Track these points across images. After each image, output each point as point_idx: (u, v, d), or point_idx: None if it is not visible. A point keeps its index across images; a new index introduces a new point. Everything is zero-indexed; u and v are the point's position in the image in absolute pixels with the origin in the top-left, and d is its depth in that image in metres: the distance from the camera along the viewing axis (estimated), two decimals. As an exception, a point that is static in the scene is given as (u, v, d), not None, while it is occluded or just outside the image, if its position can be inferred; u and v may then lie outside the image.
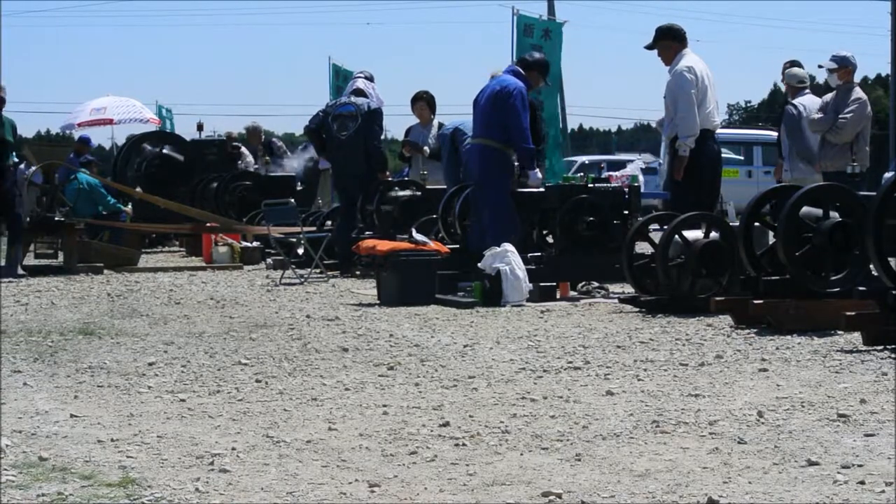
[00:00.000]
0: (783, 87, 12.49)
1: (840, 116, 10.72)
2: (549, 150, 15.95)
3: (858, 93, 10.91)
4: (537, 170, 10.68)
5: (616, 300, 9.39)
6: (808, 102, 11.23)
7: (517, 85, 10.56)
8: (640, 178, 10.87)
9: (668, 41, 10.01)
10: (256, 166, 18.93)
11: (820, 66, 11.25)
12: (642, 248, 9.46)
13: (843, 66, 10.86)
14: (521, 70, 10.77)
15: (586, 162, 29.74)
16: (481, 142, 10.69)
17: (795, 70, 11.70)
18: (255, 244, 15.10)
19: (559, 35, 17.45)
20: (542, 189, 10.68)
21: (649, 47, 10.13)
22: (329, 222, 14.16)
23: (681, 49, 10.00)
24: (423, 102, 14.19)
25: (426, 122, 14.18)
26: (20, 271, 12.45)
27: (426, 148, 13.93)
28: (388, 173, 13.68)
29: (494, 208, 10.46)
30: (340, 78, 20.21)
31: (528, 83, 10.69)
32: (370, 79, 13.66)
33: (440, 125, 14.10)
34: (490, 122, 10.60)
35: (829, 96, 11.02)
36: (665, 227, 9.09)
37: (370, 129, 12.95)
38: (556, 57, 17.29)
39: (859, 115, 10.74)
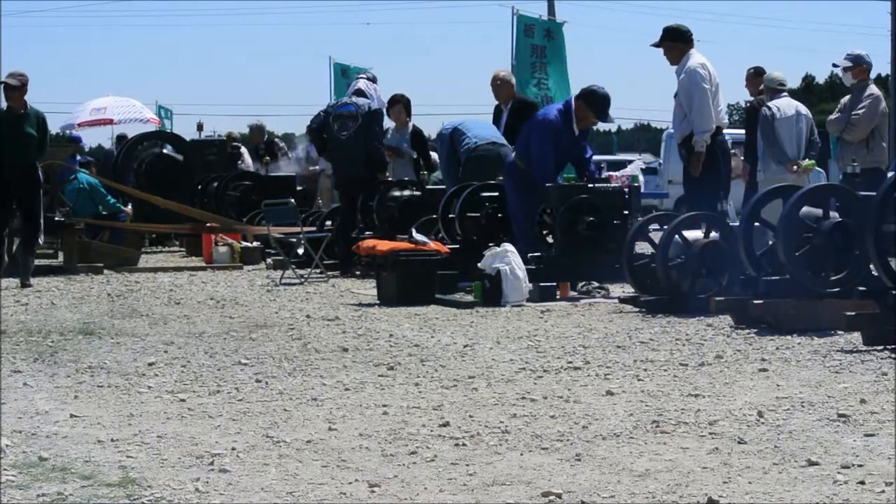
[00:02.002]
0: (748, 92, 12.59)
1: (853, 114, 10.73)
2: None
3: (872, 90, 10.90)
4: None
5: (616, 300, 9.39)
6: (784, 105, 11.24)
7: (545, 115, 11.02)
8: (640, 178, 10.89)
9: (675, 42, 10.00)
10: (256, 165, 18.93)
11: (835, 66, 11.25)
12: (642, 248, 9.46)
13: (858, 64, 10.85)
14: (572, 100, 11.04)
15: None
16: (514, 158, 11.10)
17: (775, 73, 11.74)
18: (255, 244, 15.09)
19: (560, 35, 17.41)
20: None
21: (656, 45, 10.13)
22: (329, 222, 14.16)
23: (687, 50, 10.00)
24: (401, 106, 14.19)
25: (402, 125, 14.21)
26: (29, 280, 11.70)
27: (406, 147, 13.97)
28: (387, 174, 13.68)
29: (518, 228, 10.81)
30: (350, 74, 20.18)
31: (572, 114, 10.86)
32: (372, 80, 13.66)
33: (414, 127, 14.18)
34: (523, 144, 11.00)
35: (846, 98, 11.06)
36: (665, 227, 9.09)
37: (370, 130, 12.95)
38: (562, 57, 17.26)
39: (872, 112, 10.73)
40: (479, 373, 6.17)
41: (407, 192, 12.84)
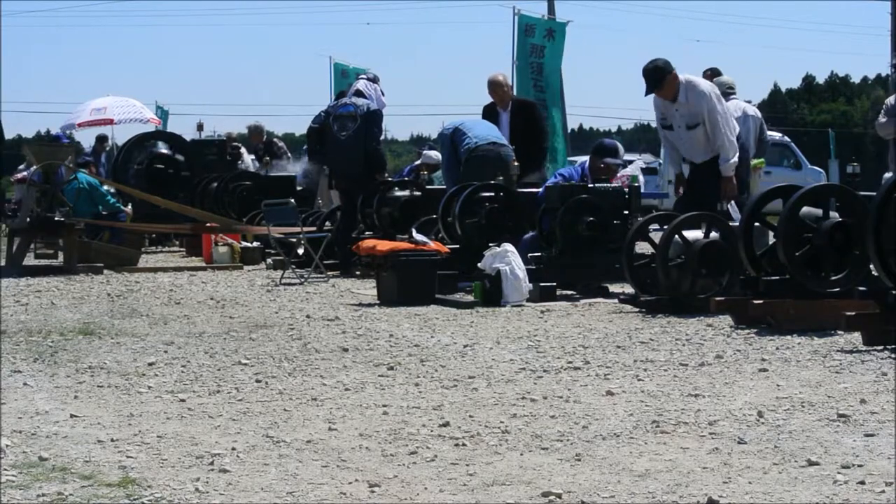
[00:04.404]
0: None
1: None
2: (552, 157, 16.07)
3: None
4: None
5: (616, 300, 9.39)
6: (732, 107, 11.27)
7: (564, 175, 11.36)
8: (640, 178, 10.89)
9: (670, 74, 9.80)
10: (257, 166, 18.92)
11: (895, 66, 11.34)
12: (642, 248, 9.46)
13: None
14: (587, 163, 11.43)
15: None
16: None
17: (724, 77, 11.84)
18: (255, 244, 15.09)
19: (562, 35, 17.41)
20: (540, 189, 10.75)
21: (655, 89, 9.90)
22: (329, 222, 14.16)
23: (676, 76, 9.88)
24: None
25: None
26: None
27: None
28: (386, 174, 13.69)
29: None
30: (350, 74, 20.21)
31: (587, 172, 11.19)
32: (373, 80, 13.65)
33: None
34: None
35: (891, 98, 11.07)
36: (665, 227, 9.09)
37: (369, 131, 12.96)
38: (559, 57, 17.28)
39: None
40: (479, 373, 6.17)
41: (407, 192, 12.85)
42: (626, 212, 10.22)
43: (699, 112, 9.79)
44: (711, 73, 12.57)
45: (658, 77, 9.82)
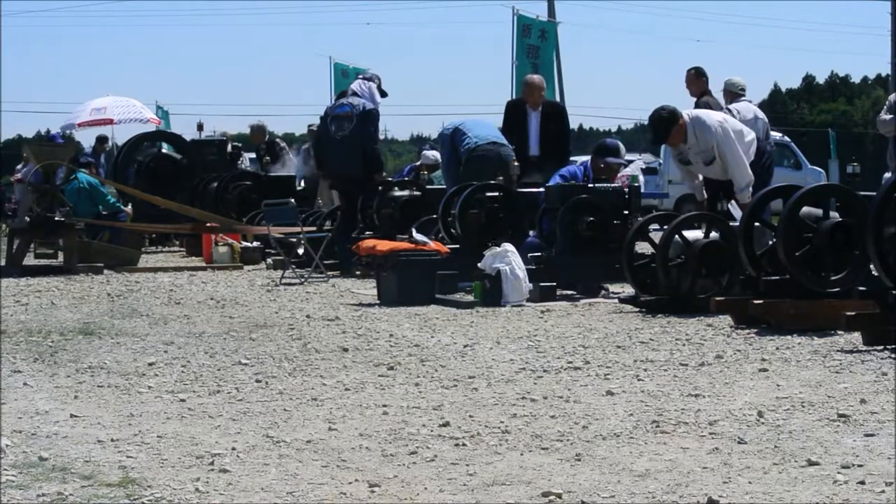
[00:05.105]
0: (689, 93, 12.60)
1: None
2: None
3: None
4: None
5: (616, 300, 9.38)
6: (743, 108, 11.25)
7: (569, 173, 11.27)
8: (640, 178, 10.89)
9: (676, 123, 9.71)
10: (255, 166, 18.91)
11: None
12: (642, 248, 9.46)
13: None
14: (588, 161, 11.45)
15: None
16: None
17: (735, 79, 11.85)
18: (255, 244, 15.09)
19: (553, 35, 17.51)
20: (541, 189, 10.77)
21: (663, 141, 10.01)
22: (329, 222, 14.16)
23: (685, 124, 9.82)
24: None
25: None
26: None
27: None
28: (384, 174, 13.69)
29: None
30: (350, 74, 20.25)
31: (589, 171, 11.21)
32: (371, 79, 13.64)
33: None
34: None
35: (893, 96, 11.05)
36: (665, 227, 9.09)
37: (366, 130, 12.95)
38: (550, 56, 17.37)
39: None
40: (479, 373, 6.17)
41: (407, 192, 12.85)
42: (626, 212, 10.23)
43: (711, 148, 9.76)
44: (696, 73, 12.55)
45: (664, 130, 9.79)
